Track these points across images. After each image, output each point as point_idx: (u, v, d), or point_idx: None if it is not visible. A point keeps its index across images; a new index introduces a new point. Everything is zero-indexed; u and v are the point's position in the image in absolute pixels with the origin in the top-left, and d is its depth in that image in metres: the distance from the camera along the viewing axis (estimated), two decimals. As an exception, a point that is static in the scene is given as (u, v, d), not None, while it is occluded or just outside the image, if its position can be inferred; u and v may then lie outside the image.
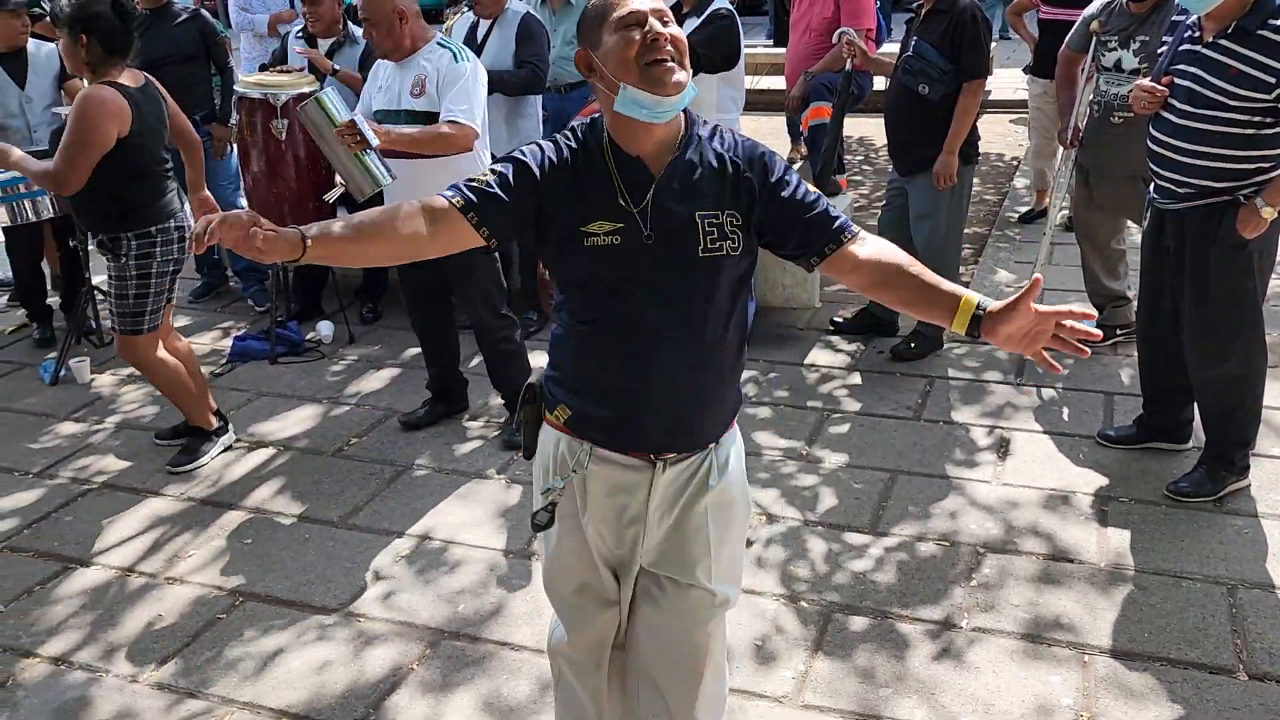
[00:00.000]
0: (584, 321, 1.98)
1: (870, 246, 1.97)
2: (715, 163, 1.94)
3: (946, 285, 1.90)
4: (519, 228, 1.96)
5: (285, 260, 1.80)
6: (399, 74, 3.86)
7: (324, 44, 5.26)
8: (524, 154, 1.94)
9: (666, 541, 2.07)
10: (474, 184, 1.92)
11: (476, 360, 4.53)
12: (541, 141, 1.98)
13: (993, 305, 1.84)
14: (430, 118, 3.77)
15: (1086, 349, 1.83)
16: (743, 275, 1.97)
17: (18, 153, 3.84)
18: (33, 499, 3.91)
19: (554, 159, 1.93)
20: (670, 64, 1.85)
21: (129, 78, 3.75)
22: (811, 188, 1.99)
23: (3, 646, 3.08)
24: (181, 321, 5.64)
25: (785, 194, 1.94)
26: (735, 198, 1.93)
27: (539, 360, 4.72)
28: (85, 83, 3.84)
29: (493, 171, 1.93)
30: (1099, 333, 1.82)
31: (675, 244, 1.89)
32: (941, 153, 4.36)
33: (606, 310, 1.94)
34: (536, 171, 1.91)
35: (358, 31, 5.23)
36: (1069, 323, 1.81)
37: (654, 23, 1.85)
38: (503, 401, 4.24)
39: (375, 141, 3.56)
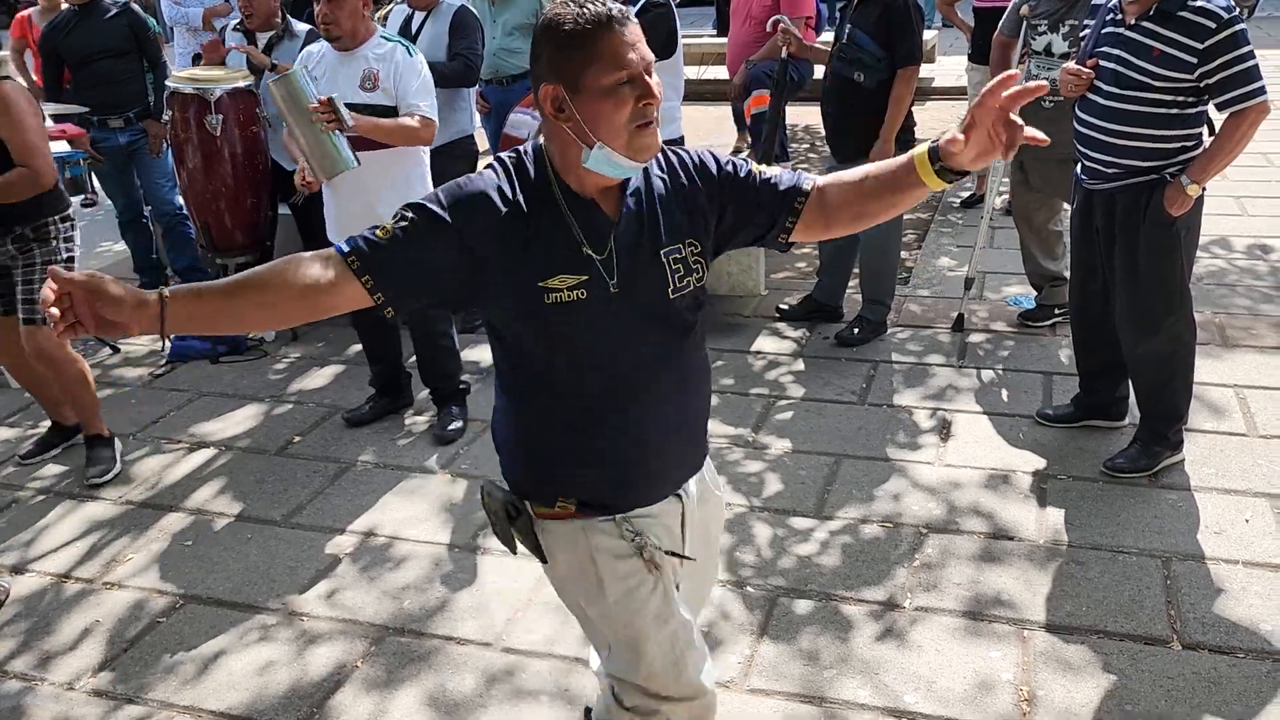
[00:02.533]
0: (558, 392, 1.80)
1: (827, 190, 1.85)
2: (663, 189, 1.79)
3: (897, 161, 1.78)
4: (438, 291, 1.72)
5: (145, 332, 1.55)
6: (342, 65, 3.80)
7: (262, 38, 5.19)
8: (447, 210, 1.68)
9: (692, 548, 2.03)
10: (375, 237, 1.67)
11: (420, 355, 4.50)
12: (471, 182, 1.73)
13: (943, 138, 1.71)
14: (384, 112, 3.72)
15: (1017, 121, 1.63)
16: (703, 299, 1.87)
17: None
18: (38, 459, 3.92)
19: (499, 208, 1.70)
20: (654, 127, 1.69)
21: None
22: (754, 165, 1.88)
23: (-66, 658, 3.02)
24: (119, 323, 5.54)
25: (743, 183, 1.83)
26: (692, 223, 1.80)
27: (479, 353, 4.71)
28: None
29: (402, 217, 1.68)
30: (1042, 83, 1.64)
31: (643, 290, 1.75)
32: (878, 140, 4.39)
33: (583, 374, 1.77)
34: (466, 226, 1.67)
35: (297, 26, 5.17)
36: (1006, 93, 1.61)
37: (649, 80, 1.67)
38: (433, 396, 4.23)
39: (350, 124, 3.52)
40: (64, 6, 5.46)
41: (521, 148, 1.79)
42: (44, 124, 3.68)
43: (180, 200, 5.36)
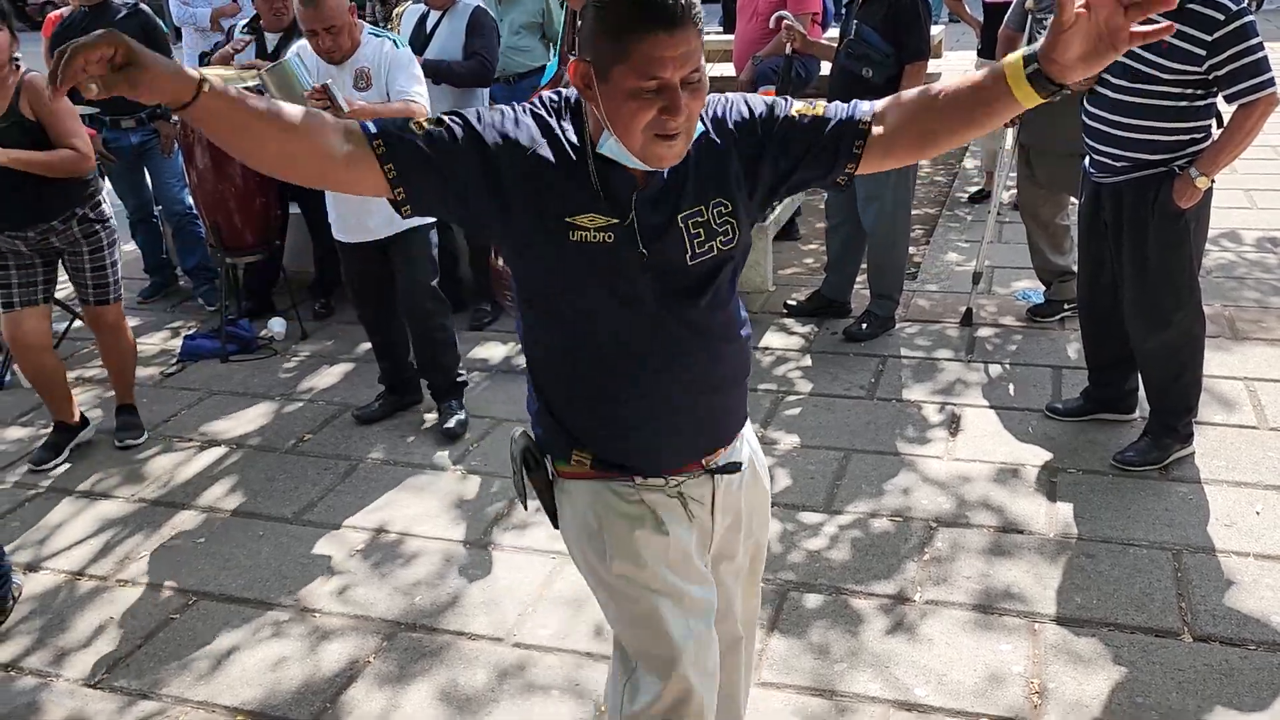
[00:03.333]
0: (571, 338, 1.73)
1: (889, 115, 1.66)
2: (697, 148, 1.66)
3: (980, 75, 1.57)
4: (458, 206, 1.63)
5: (168, 102, 1.42)
6: (337, 72, 3.82)
7: (271, 39, 5.21)
8: (480, 120, 1.62)
9: (729, 531, 1.96)
10: (408, 128, 1.58)
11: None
12: (515, 111, 1.66)
13: (1038, 48, 1.48)
14: None
15: None
16: (738, 264, 1.77)
17: (10, 151, 3.62)
18: (51, 465, 3.96)
19: (534, 142, 1.62)
20: (677, 141, 1.58)
21: None
22: (799, 104, 1.71)
23: (-50, 655, 3.04)
24: (132, 322, 5.52)
25: (788, 128, 1.68)
26: (720, 182, 1.68)
27: (488, 351, 4.73)
28: None
29: (436, 122, 1.60)
30: None
31: (662, 256, 1.66)
32: None
33: (605, 320, 1.69)
34: (494, 150, 1.60)
35: None
36: None
37: (680, 96, 1.53)
38: (430, 391, 4.24)
39: (346, 109, 3.53)
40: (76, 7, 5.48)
41: (564, 91, 1.70)
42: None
43: (190, 200, 5.39)
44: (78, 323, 5.25)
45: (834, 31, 6.22)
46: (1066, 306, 4.72)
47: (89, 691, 2.86)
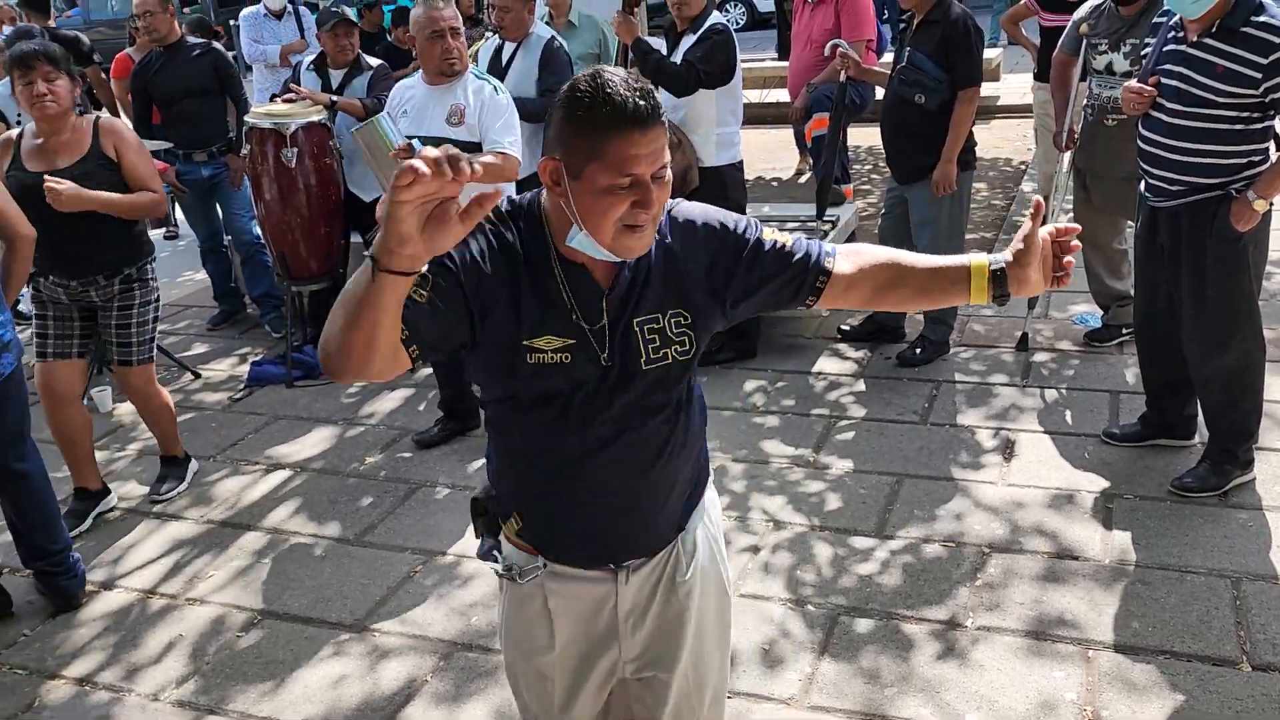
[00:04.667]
0: (524, 445, 1.77)
1: (850, 259, 1.77)
2: (662, 255, 1.71)
3: (947, 260, 1.74)
4: (450, 344, 1.65)
5: (404, 267, 1.39)
6: (431, 99, 3.93)
7: (336, 75, 5.38)
8: (453, 260, 1.61)
9: (648, 643, 1.90)
10: (419, 310, 1.56)
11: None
12: (473, 239, 1.64)
13: (1005, 257, 1.68)
14: (468, 148, 3.83)
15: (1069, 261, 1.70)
16: (691, 373, 1.79)
17: (98, 193, 3.67)
18: (75, 533, 3.97)
19: (489, 261, 1.63)
20: (646, 231, 1.61)
21: None
22: (769, 233, 1.78)
23: (29, 669, 3.17)
24: (200, 349, 5.76)
25: (760, 254, 1.75)
26: (682, 292, 1.72)
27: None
28: (42, 125, 3.71)
29: (426, 286, 1.57)
30: (1075, 227, 1.71)
31: (621, 360, 1.69)
32: (940, 161, 4.41)
33: (553, 432, 1.72)
34: (465, 278, 1.60)
35: (369, 60, 5.39)
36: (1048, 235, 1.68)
37: (652, 190, 1.58)
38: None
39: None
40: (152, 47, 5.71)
41: (519, 199, 1.73)
42: None
43: (258, 230, 5.56)
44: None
45: (889, 57, 6.26)
46: (1124, 331, 4.67)
47: (158, 706, 2.97)
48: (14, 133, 3.84)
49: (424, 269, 1.49)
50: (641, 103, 1.55)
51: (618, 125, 1.54)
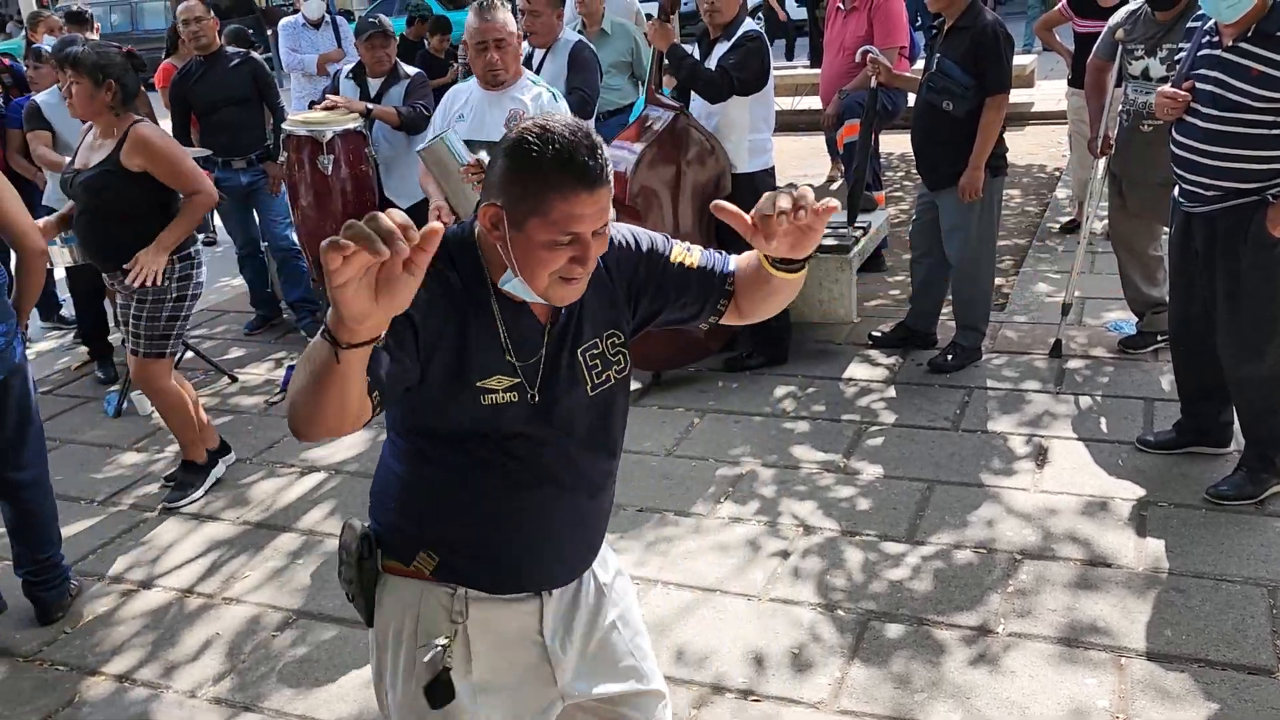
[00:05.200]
0: (456, 473, 1.71)
1: (737, 263, 1.84)
2: (591, 279, 1.69)
3: (753, 256, 1.78)
4: (401, 386, 1.60)
5: (363, 336, 1.33)
6: (489, 103, 3.97)
7: (374, 83, 5.45)
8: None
9: (587, 663, 1.88)
10: (383, 363, 1.52)
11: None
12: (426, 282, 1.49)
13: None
14: None
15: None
16: (626, 395, 1.82)
17: (163, 241, 3.81)
18: (98, 525, 4.08)
19: (438, 301, 1.59)
20: (580, 282, 1.62)
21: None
22: (678, 246, 1.83)
23: (70, 666, 3.23)
24: (236, 353, 5.84)
25: (669, 267, 1.80)
26: (614, 312, 1.76)
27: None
28: (88, 124, 3.92)
29: (394, 331, 1.48)
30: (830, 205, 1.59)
31: (565, 392, 1.70)
32: (968, 168, 4.41)
33: (489, 462, 1.70)
34: (416, 319, 1.55)
35: (406, 69, 5.45)
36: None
37: (592, 248, 1.58)
38: None
39: None
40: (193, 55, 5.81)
41: (456, 230, 1.70)
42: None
43: (294, 236, 5.64)
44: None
45: (921, 64, 6.25)
46: (1159, 338, 4.64)
47: (195, 703, 3.02)
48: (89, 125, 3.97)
49: None
50: (590, 162, 1.53)
51: (563, 186, 1.53)
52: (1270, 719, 2.58)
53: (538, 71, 4.97)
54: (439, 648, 1.72)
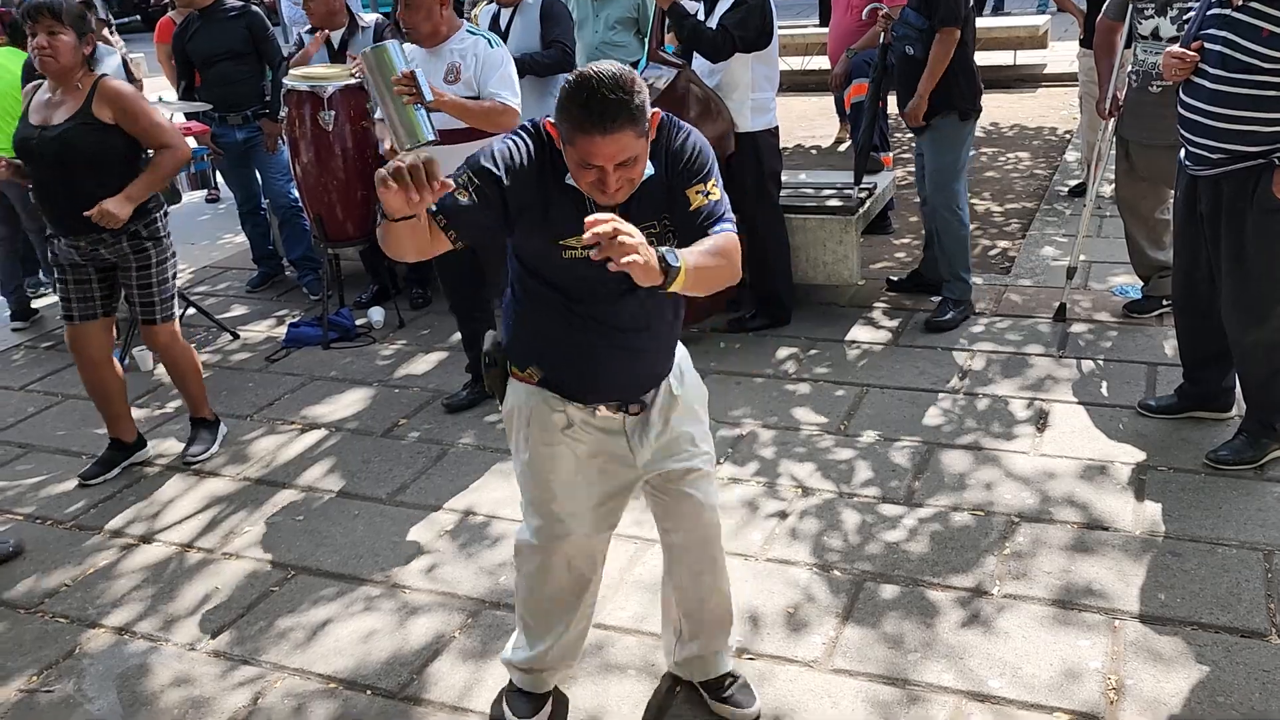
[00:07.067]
0: (547, 307, 2.23)
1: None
2: (657, 167, 2.11)
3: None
4: (487, 236, 2.16)
5: (410, 211, 1.90)
6: (429, 61, 3.96)
7: (335, 36, 5.37)
8: (496, 164, 2.07)
9: (659, 450, 2.38)
10: (457, 201, 2.04)
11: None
12: (512, 146, 2.10)
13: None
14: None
15: None
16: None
17: (130, 191, 3.74)
18: (99, 480, 4.09)
19: (529, 170, 2.09)
20: (610, 196, 2.01)
21: None
22: (713, 184, 2.14)
23: (70, 618, 3.25)
24: (238, 310, 5.84)
25: (679, 199, 2.12)
26: (669, 200, 2.13)
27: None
28: (50, 80, 3.78)
29: (470, 180, 2.06)
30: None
31: None
32: (913, 97, 4.56)
33: (568, 300, 2.20)
34: (507, 182, 2.06)
35: (367, 17, 5.40)
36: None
37: (610, 175, 1.98)
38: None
39: (430, 98, 3.65)
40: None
41: (540, 121, 2.13)
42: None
43: (295, 193, 5.60)
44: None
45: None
46: (1164, 302, 4.60)
47: (194, 655, 3.04)
48: (35, 85, 3.89)
49: (466, 176, 2.05)
50: (607, 108, 1.89)
51: (581, 126, 1.92)
52: (1263, 681, 2.59)
53: (506, 30, 4.93)
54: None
